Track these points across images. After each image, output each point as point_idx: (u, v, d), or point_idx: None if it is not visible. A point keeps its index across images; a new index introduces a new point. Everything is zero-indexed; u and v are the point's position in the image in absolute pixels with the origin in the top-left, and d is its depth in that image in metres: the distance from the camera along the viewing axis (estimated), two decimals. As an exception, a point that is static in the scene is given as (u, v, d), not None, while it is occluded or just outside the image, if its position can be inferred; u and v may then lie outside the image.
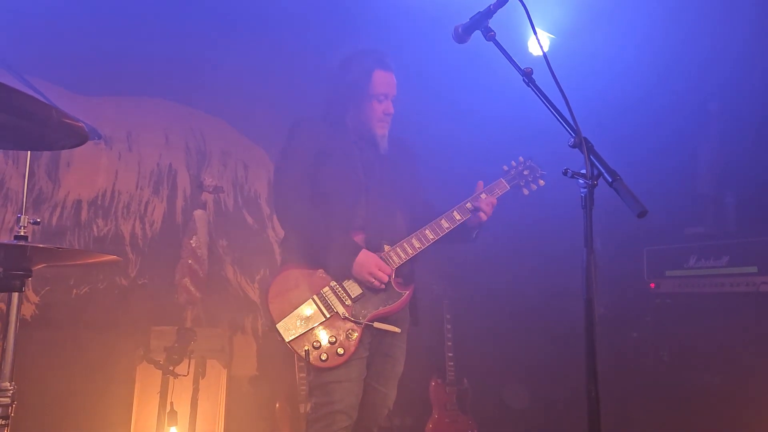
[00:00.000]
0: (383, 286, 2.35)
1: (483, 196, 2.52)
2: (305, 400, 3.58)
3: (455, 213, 2.50)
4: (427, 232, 2.45)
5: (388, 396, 2.51)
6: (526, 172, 2.64)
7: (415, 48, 3.91)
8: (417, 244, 2.44)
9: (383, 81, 2.49)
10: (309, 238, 2.37)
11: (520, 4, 1.80)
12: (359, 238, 2.39)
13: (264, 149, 4.34)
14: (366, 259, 2.33)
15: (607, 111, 3.76)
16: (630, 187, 1.50)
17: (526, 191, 2.65)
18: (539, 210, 3.78)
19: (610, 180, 1.47)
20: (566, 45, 4.19)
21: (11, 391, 1.68)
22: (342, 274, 2.35)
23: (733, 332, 3.08)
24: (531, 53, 4.05)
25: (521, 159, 2.66)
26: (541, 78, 1.76)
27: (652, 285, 3.52)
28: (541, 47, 1.67)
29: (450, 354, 4.06)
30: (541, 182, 2.65)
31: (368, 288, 2.35)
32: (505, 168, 2.63)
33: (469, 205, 2.50)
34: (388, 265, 2.37)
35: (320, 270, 2.35)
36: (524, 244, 4.21)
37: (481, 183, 2.58)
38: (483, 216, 2.48)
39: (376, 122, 2.50)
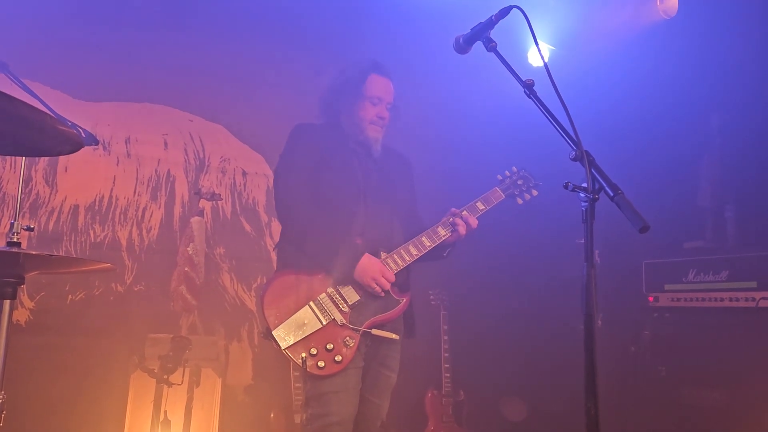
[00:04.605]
0: (382, 293, 2.34)
1: (465, 213, 2.50)
2: (300, 411, 3.55)
3: (452, 220, 2.49)
4: (423, 239, 2.46)
5: (382, 407, 2.49)
6: (520, 182, 2.65)
7: (415, 58, 3.91)
8: (414, 251, 2.43)
9: (378, 84, 2.52)
10: (310, 241, 2.36)
11: (521, 15, 1.79)
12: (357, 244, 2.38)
13: (263, 156, 4.33)
14: (369, 264, 2.32)
15: (605, 123, 3.76)
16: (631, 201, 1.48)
17: (520, 200, 2.66)
18: (539, 222, 3.77)
19: (612, 194, 1.46)
20: (566, 56, 4.19)
21: (1, 400, 1.65)
22: (343, 277, 2.33)
23: (731, 347, 3.05)
24: (531, 64, 4.05)
25: (515, 169, 2.67)
26: (541, 89, 1.75)
27: (651, 299, 3.50)
28: (542, 58, 1.66)
29: (447, 365, 4.04)
30: (534, 192, 2.67)
31: (368, 293, 2.33)
32: (500, 177, 2.65)
33: (465, 212, 2.50)
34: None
35: (318, 275, 2.33)
36: (523, 256, 4.19)
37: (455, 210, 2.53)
38: (462, 231, 2.46)
39: (368, 124, 2.51)
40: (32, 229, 1.70)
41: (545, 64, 1.64)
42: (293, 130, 2.52)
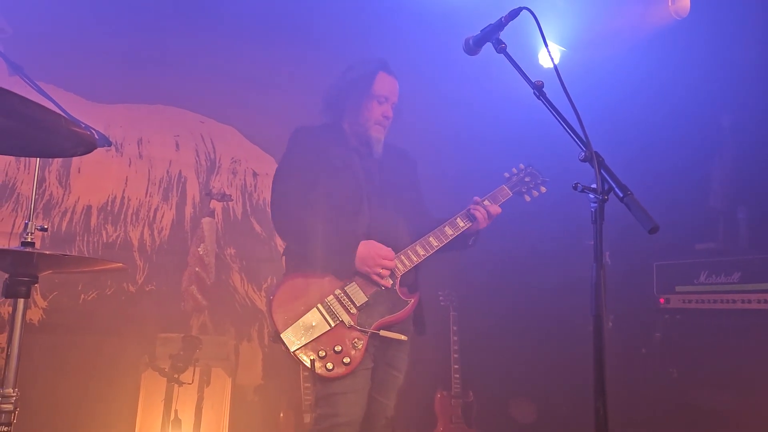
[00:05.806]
0: (389, 283, 2.33)
1: (486, 202, 2.50)
2: (310, 411, 3.56)
3: (458, 220, 2.49)
4: (431, 239, 2.45)
5: (388, 406, 2.48)
6: (527, 179, 2.63)
7: (425, 59, 3.92)
8: (421, 252, 2.43)
9: (385, 83, 2.51)
10: (309, 245, 2.35)
11: (531, 16, 1.79)
12: None
13: (274, 157, 4.35)
14: (366, 250, 2.32)
15: (615, 124, 3.74)
16: (641, 202, 1.48)
17: (527, 198, 2.64)
18: (548, 223, 3.76)
19: (621, 195, 1.45)
20: (575, 57, 4.17)
21: (14, 398, 1.67)
22: (346, 272, 2.33)
23: (743, 349, 3.02)
24: (541, 65, 4.04)
25: (522, 166, 2.65)
26: (551, 89, 1.74)
27: (662, 300, 3.47)
28: (552, 60, 1.66)
29: (456, 366, 4.03)
30: (543, 189, 2.63)
31: (376, 294, 2.33)
32: (507, 175, 2.63)
33: (473, 210, 2.49)
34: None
35: (325, 277, 2.33)
36: (532, 257, 4.18)
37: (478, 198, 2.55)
38: (481, 223, 2.47)
39: (373, 123, 2.50)
40: (46, 230, 1.72)
41: (555, 66, 1.64)
42: (292, 135, 2.51)
